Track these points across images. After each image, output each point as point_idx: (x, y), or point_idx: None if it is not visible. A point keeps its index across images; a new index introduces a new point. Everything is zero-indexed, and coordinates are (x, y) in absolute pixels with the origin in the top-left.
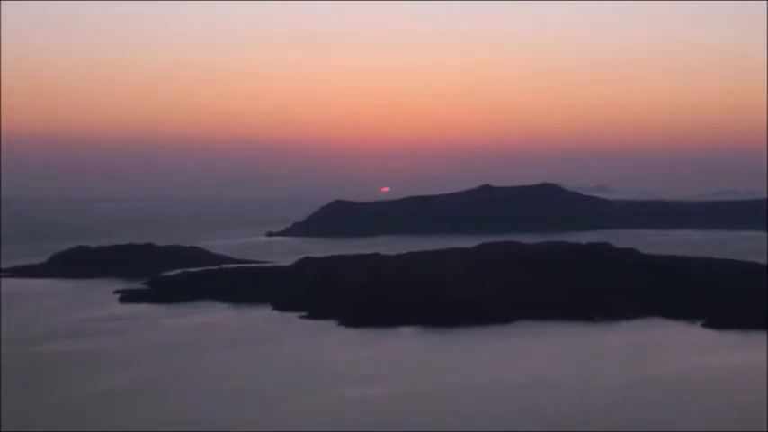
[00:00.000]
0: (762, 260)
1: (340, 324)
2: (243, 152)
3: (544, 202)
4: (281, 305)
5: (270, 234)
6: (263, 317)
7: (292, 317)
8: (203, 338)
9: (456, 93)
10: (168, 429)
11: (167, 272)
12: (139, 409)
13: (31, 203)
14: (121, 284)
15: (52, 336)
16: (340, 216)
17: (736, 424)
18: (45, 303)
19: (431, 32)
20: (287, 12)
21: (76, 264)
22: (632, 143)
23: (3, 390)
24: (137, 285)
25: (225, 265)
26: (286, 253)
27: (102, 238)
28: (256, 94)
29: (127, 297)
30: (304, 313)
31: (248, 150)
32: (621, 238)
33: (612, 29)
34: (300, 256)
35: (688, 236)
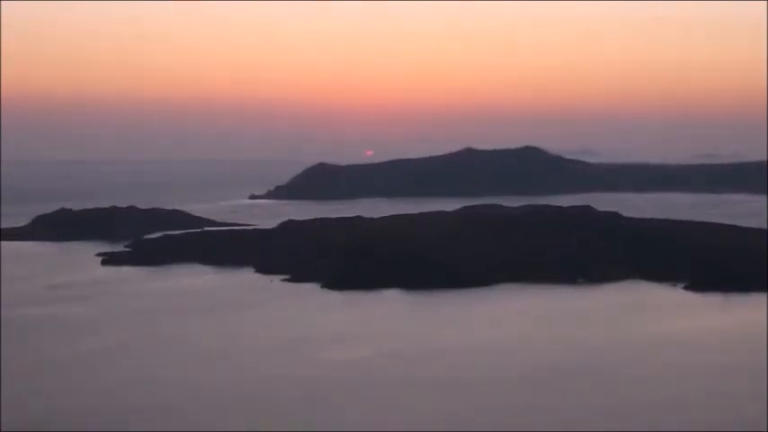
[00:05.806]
0: (744, 223)
1: (323, 287)
2: (227, 114)
3: (527, 165)
4: (264, 268)
5: (253, 197)
6: (245, 280)
7: (275, 280)
8: (186, 302)
9: (440, 56)
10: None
11: (150, 234)
12: (117, 372)
13: (13, 166)
14: (104, 247)
15: (35, 299)
16: (323, 179)
17: (716, 382)
18: (28, 266)
19: None
20: None
21: (59, 226)
22: (616, 106)
23: None
24: (119, 248)
25: (208, 228)
26: (269, 216)
27: (85, 200)
28: (242, 55)
29: (109, 260)
30: (287, 276)
31: (232, 112)
32: (604, 202)
33: None
34: (283, 219)
35: (671, 199)
